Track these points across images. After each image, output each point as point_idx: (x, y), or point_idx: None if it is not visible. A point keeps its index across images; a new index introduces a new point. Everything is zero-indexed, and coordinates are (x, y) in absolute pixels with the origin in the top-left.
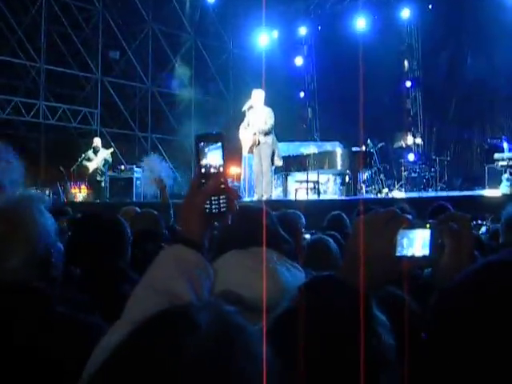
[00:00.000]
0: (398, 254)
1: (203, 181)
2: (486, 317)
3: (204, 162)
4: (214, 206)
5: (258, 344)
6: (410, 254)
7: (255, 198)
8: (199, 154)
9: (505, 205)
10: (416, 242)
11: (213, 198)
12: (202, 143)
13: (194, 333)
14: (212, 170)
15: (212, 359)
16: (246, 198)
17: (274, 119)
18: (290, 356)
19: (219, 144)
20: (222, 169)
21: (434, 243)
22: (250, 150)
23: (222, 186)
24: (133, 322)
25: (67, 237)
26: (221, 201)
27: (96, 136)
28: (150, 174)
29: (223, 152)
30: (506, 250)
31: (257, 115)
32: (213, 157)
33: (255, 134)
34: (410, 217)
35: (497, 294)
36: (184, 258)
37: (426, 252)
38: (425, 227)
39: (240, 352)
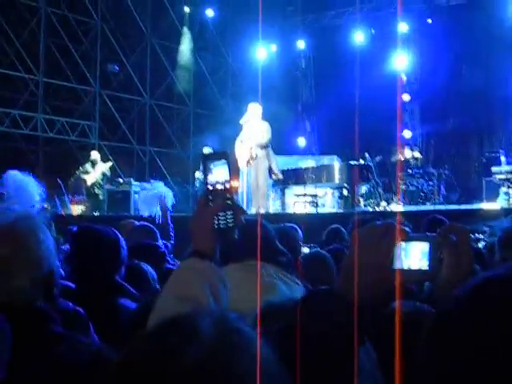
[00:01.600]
0: (395, 266)
1: (210, 197)
2: (484, 335)
3: (210, 178)
4: (221, 222)
5: (260, 347)
6: (407, 267)
7: (252, 211)
8: (206, 170)
9: (503, 218)
10: (414, 255)
11: (220, 214)
12: (208, 161)
13: (197, 337)
14: (218, 187)
15: (213, 362)
16: (255, 211)
17: (270, 133)
18: (287, 370)
19: (224, 161)
20: (227, 185)
21: (432, 256)
22: (247, 164)
23: (229, 202)
24: None
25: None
26: (228, 216)
27: (94, 149)
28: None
29: (228, 168)
30: (503, 265)
31: (253, 129)
32: (218, 172)
33: (251, 147)
34: (407, 229)
35: (496, 312)
36: (201, 268)
37: (425, 265)
38: (423, 240)
39: (241, 354)
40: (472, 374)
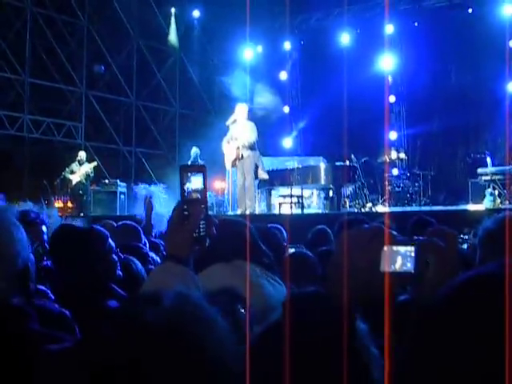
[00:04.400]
0: (382, 269)
1: (185, 206)
2: (466, 333)
3: (188, 185)
4: (201, 230)
5: (214, 318)
6: (394, 269)
7: (238, 212)
8: (183, 179)
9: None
10: (401, 258)
11: (200, 223)
12: (186, 172)
13: (158, 304)
14: (194, 195)
15: (170, 324)
16: (230, 212)
17: (257, 133)
18: (275, 370)
19: (201, 174)
20: (203, 195)
21: (418, 259)
22: (233, 164)
23: (203, 211)
24: None
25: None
26: (201, 226)
27: (80, 150)
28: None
29: (204, 180)
30: (485, 265)
31: (240, 129)
32: (195, 181)
33: (238, 148)
34: (394, 233)
35: (477, 310)
36: (176, 272)
37: (411, 268)
38: (410, 244)
39: (196, 321)
40: (452, 370)
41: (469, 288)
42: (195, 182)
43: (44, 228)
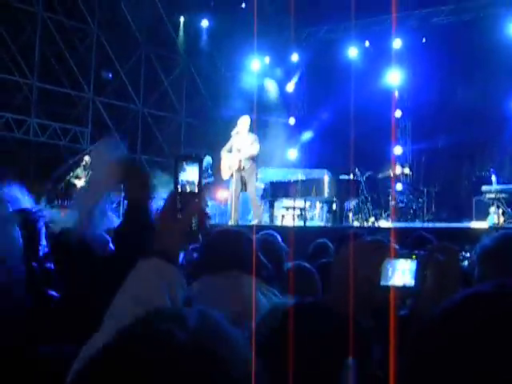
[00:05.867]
0: (382, 282)
1: (179, 198)
2: (464, 349)
3: (182, 176)
4: (193, 225)
5: (237, 338)
6: (394, 283)
7: (230, 223)
8: (177, 169)
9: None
10: (401, 272)
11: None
12: (182, 161)
13: (184, 324)
14: (188, 188)
15: (198, 346)
16: (232, 222)
17: (259, 146)
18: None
19: (196, 164)
20: (197, 188)
21: (419, 274)
22: (231, 175)
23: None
24: (111, 334)
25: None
26: (193, 220)
27: (86, 154)
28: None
29: (199, 171)
30: (482, 283)
31: (243, 141)
32: (190, 171)
33: (240, 160)
34: (396, 246)
35: (475, 327)
36: (163, 269)
37: (411, 282)
38: (411, 258)
39: (222, 342)
40: None
41: (466, 307)
42: (190, 173)
43: (43, 228)
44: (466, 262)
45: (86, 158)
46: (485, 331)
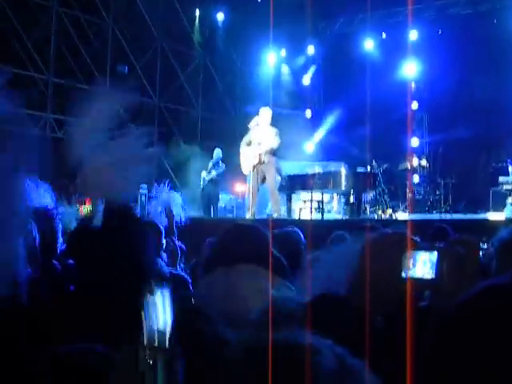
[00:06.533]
0: (403, 275)
1: None
2: (483, 341)
3: None
4: None
5: None
6: (415, 275)
7: (248, 216)
8: None
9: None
10: (422, 264)
11: None
12: None
13: None
14: None
15: None
16: (249, 215)
17: (279, 140)
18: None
19: None
20: None
21: (439, 266)
22: (252, 168)
23: None
24: None
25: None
26: None
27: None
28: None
29: None
30: (503, 276)
31: (263, 134)
32: None
33: (261, 153)
34: (417, 239)
35: (494, 319)
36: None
37: (432, 274)
38: (431, 250)
39: None
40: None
41: (483, 298)
42: None
43: (60, 226)
44: (482, 254)
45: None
46: (501, 322)
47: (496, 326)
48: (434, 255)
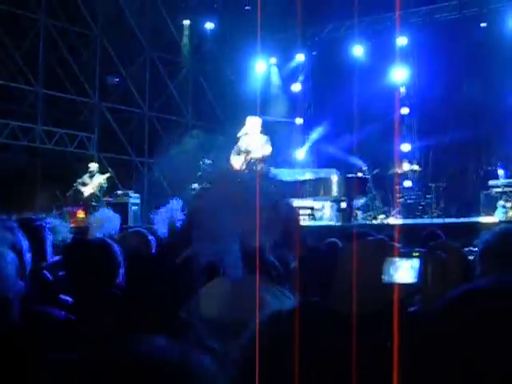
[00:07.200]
0: (385, 281)
1: None
2: (460, 342)
3: None
4: None
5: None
6: (397, 281)
7: None
8: None
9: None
10: (404, 270)
11: None
12: None
13: None
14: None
15: None
16: None
17: (271, 147)
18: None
19: None
20: None
21: (421, 271)
22: None
23: None
24: None
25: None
26: None
27: (93, 161)
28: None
29: None
30: (483, 279)
31: (254, 142)
32: None
33: (251, 161)
34: (398, 245)
35: (472, 321)
36: None
37: (414, 280)
38: (413, 256)
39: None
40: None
41: (462, 302)
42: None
43: (49, 236)
44: (472, 257)
45: (91, 165)
46: (479, 326)
47: (473, 331)
48: (416, 261)
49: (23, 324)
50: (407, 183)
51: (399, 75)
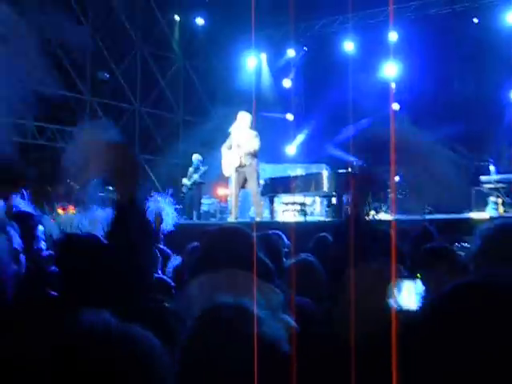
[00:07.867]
0: (389, 305)
1: None
2: (451, 335)
3: None
4: None
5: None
6: (401, 304)
7: (230, 219)
8: None
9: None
10: (407, 294)
11: None
12: None
13: None
14: None
15: None
16: (232, 219)
17: (259, 142)
18: None
19: None
20: None
21: (425, 293)
22: (233, 171)
23: None
24: None
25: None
26: None
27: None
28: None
29: None
30: (474, 274)
31: (243, 137)
32: None
33: (241, 156)
34: (401, 268)
35: (464, 315)
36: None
37: (418, 302)
38: (414, 279)
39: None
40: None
41: (455, 297)
42: None
43: (40, 227)
44: (464, 253)
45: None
46: (471, 321)
47: (466, 325)
48: (418, 284)
49: (16, 306)
50: (397, 178)
51: (391, 70)
